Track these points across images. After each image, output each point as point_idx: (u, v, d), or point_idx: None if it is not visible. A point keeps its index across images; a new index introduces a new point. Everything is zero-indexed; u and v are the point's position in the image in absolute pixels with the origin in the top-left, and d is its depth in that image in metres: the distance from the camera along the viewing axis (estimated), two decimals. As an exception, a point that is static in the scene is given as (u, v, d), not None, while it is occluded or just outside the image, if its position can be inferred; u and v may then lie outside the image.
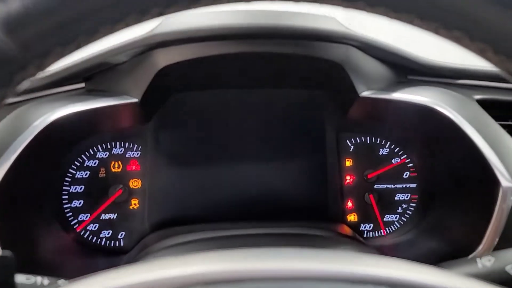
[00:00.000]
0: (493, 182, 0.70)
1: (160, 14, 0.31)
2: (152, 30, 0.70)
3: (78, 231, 0.89)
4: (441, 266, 0.59)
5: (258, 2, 0.33)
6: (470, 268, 0.56)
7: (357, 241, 0.82)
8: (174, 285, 0.32)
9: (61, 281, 0.53)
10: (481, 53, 0.32)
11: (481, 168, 0.71)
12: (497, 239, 0.70)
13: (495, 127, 0.75)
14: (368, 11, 0.31)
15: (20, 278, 0.51)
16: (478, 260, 0.56)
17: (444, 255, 0.77)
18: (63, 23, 0.28)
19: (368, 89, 0.77)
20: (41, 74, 0.31)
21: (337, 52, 0.73)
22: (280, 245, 0.43)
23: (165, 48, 0.71)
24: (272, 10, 0.75)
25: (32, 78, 0.30)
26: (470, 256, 0.71)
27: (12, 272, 0.41)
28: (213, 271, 0.33)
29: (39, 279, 0.53)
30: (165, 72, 0.73)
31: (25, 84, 0.30)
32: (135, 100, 0.76)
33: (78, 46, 0.30)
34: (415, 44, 0.93)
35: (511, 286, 0.51)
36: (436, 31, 0.32)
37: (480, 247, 0.70)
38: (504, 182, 0.69)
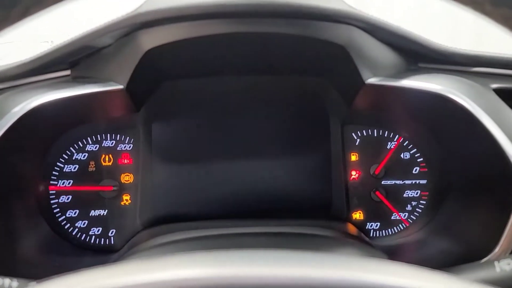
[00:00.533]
0: (511, 176, 0.63)
1: None
2: (137, 8, 0.64)
3: (65, 228, 0.85)
4: (455, 270, 0.53)
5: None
6: (487, 273, 0.50)
7: (363, 241, 0.76)
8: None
9: (32, 284, 0.48)
10: (506, 21, 0.27)
11: (499, 163, 0.65)
12: (516, 240, 0.64)
13: None
14: None
15: None
16: (496, 263, 0.50)
17: (457, 257, 0.71)
18: None
19: (375, 75, 0.71)
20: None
21: (340, 33, 0.67)
22: (278, 246, 0.38)
23: (151, 29, 0.66)
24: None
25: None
26: (486, 258, 0.64)
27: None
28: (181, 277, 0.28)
29: (7, 281, 0.48)
30: (151, 55, 0.68)
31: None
32: (120, 86, 0.71)
33: (26, 11, 0.25)
34: (426, 31, 0.86)
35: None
36: None
37: (496, 249, 0.64)
38: (524, 177, 0.63)
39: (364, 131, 0.89)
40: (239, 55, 0.74)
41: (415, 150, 0.88)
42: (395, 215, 0.88)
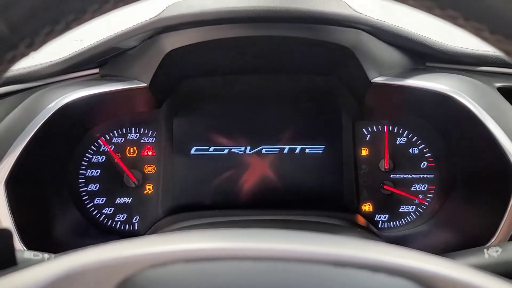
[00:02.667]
0: (509, 173, 0.67)
1: None
2: (159, 14, 0.70)
3: (93, 214, 0.92)
4: (448, 255, 0.57)
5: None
6: (477, 259, 0.54)
7: (369, 231, 0.80)
8: (156, 261, 0.32)
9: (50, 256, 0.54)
10: (477, 32, 0.31)
11: (498, 159, 0.68)
12: (511, 232, 0.67)
13: None
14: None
15: (27, 254, 0.53)
16: (485, 250, 0.54)
17: (458, 246, 0.74)
18: (49, 3, 0.28)
19: (381, 75, 0.75)
20: (34, 53, 0.32)
21: (346, 36, 0.71)
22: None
23: (172, 32, 0.72)
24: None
25: (25, 57, 0.31)
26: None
27: (10, 245, 0.42)
28: (193, 249, 0.33)
29: (46, 255, 0.54)
30: (172, 56, 0.74)
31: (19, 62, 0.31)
32: (144, 84, 0.77)
33: (68, 26, 0.30)
34: (431, 30, 0.90)
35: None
36: (431, 10, 0.30)
37: (493, 239, 0.68)
38: (521, 172, 0.66)
39: (374, 126, 0.93)
40: (254, 56, 0.79)
41: (423, 145, 0.92)
42: (403, 207, 0.92)
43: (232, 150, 0.92)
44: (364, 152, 0.94)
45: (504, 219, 0.67)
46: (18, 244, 0.67)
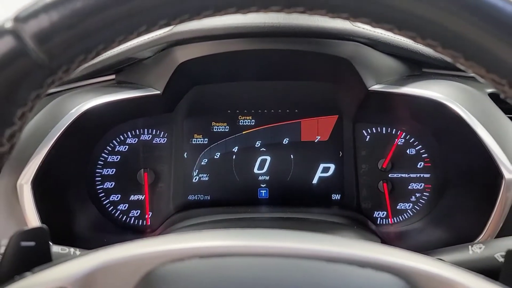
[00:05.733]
0: (497, 174, 0.72)
1: (167, 25, 0.36)
2: (172, 28, 0.76)
3: (109, 210, 0.98)
4: (436, 252, 0.63)
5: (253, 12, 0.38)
6: (462, 255, 0.59)
7: (366, 227, 0.86)
8: (175, 256, 0.38)
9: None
10: (454, 58, 0.36)
11: (486, 162, 0.74)
12: (498, 229, 0.73)
13: (503, 121, 0.77)
14: (352, 20, 0.35)
15: (55, 248, 0.59)
16: (470, 247, 0.59)
17: (450, 242, 0.80)
18: (84, 35, 0.34)
19: (378, 83, 0.80)
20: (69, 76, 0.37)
21: (345, 48, 0.77)
22: (286, 228, 0.49)
23: (184, 45, 0.78)
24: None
25: (62, 80, 0.37)
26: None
27: (47, 242, 0.48)
28: (206, 246, 0.39)
29: (72, 250, 0.60)
30: (184, 67, 0.80)
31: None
32: (158, 92, 0.83)
33: (98, 54, 0.36)
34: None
35: (498, 272, 0.55)
36: (414, 39, 0.36)
37: (481, 235, 0.73)
38: (507, 174, 0.72)
39: (373, 128, 0.98)
40: (259, 65, 0.85)
41: (420, 146, 0.97)
42: (400, 205, 0.98)
43: (239, 150, 0.98)
44: (363, 152, 0.99)
45: (491, 217, 0.73)
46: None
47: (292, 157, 0.99)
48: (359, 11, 0.34)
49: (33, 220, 0.74)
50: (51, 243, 0.71)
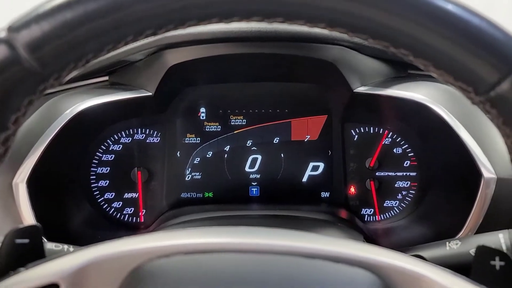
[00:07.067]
0: (477, 174, 0.75)
1: (154, 34, 0.39)
2: (163, 33, 0.79)
3: (104, 207, 1.00)
4: (418, 247, 0.65)
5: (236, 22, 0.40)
6: (439, 251, 0.62)
7: (352, 224, 0.89)
8: (161, 252, 0.41)
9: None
10: (425, 67, 0.39)
11: (467, 162, 0.76)
12: (477, 226, 0.76)
13: (485, 123, 0.80)
14: (329, 30, 0.38)
15: (49, 245, 0.61)
16: (447, 243, 0.62)
17: (432, 238, 0.83)
18: (73, 45, 0.36)
19: (363, 84, 0.83)
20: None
21: (330, 52, 0.80)
22: (274, 226, 0.51)
23: (174, 49, 0.80)
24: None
25: (53, 87, 0.39)
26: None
27: (40, 239, 0.50)
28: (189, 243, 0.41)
29: (65, 247, 0.63)
30: (174, 70, 0.82)
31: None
32: (149, 93, 0.86)
33: (87, 62, 0.38)
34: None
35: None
36: (387, 48, 0.38)
37: (461, 232, 0.76)
38: (486, 173, 0.75)
39: (361, 128, 1.00)
40: (247, 68, 0.88)
41: (406, 146, 0.99)
42: (387, 202, 1.00)
43: (230, 150, 1.01)
44: (352, 151, 1.01)
45: (470, 215, 0.76)
46: (42, 237, 0.76)
47: (282, 156, 1.01)
48: (336, 22, 0.37)
49: (28, 218, 0.77)
50: (45, 240, 0.73)
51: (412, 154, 0.99)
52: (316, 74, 0.89)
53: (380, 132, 1.00)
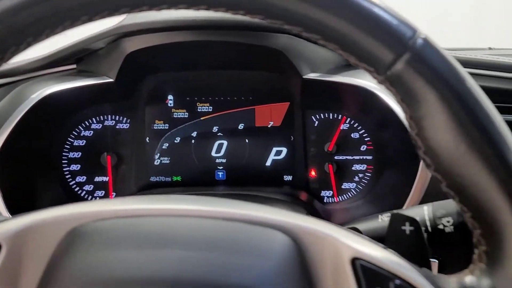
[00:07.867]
0: (417, 156, 0.80)
1: (90, 20, 0.43)
2: (121, 21, 0.84)
3: (75, 190, 1.05)
4: (353, 222, 0.71)
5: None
6: (372, 223, 0.68)
7: (307, 204, 0.95)
8: (95, 217, 0.46)
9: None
10: (334, 49, 0.43)
11: (411, 147, 0.82)
12: (417, 203, 0.81)
13: None
14: (269, 22, 0.42)
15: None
16: (380, 216, 0.68)
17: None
18: (13, 30, 0.41)
19: (313, 71, 0.88)
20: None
21: (278, 40, 0.85)
22: None
23: (131, 37, 0.85)
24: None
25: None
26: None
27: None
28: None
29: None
30: (132, 57, 0.87)
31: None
32: (111, 80, 0.90)
33: (28, 45, 0.43)
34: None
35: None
36: (300, 32, 0.43)
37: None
38: (425, 155, 0.80)
39: (322, 114, 1.05)
40: (208, 56, 0.93)
41: (363, 131, 1.04)
42: (345, 184, 1.06)
43: (196, 135, 1.05)
44: (313, 137, 1.07)
45: (411, 193, 0.81)
46: (4, 212, 0.81)
47: (247, 141, 1.06)
48: (253, 11, 0.41)
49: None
50: (9, 215, 0.78)
51: (368, 138, 1.04)
52: (268, 62, 0.94)
53: (339, 118, 1.05)
